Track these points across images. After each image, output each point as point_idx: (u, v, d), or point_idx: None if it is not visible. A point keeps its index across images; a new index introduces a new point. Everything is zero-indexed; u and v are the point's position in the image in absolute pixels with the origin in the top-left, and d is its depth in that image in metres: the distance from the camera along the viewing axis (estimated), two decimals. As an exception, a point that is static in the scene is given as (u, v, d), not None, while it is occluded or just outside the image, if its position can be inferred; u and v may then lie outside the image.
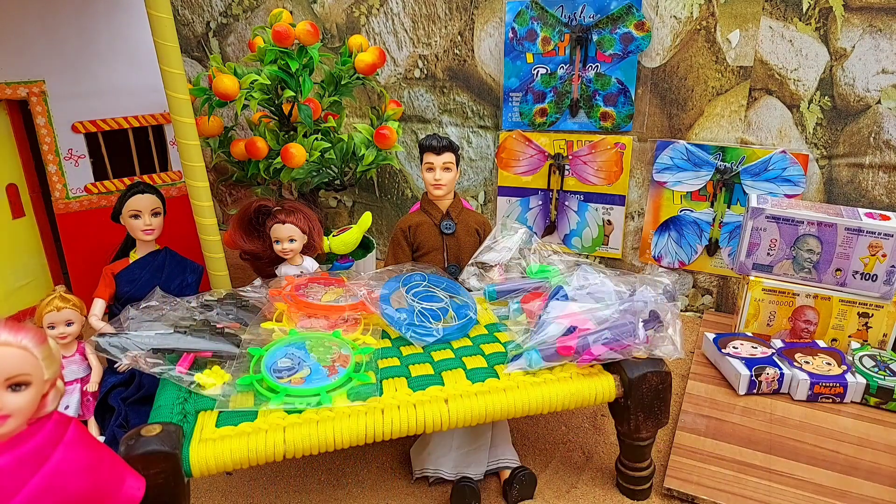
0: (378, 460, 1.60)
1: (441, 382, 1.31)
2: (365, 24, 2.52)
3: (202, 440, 1.13)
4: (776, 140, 2.07)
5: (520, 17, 2.25)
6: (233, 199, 3.12)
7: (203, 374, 1.29)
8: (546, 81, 2.28)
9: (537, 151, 2.38)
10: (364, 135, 2.20)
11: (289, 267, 1.75)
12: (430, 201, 1.86)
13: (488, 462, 1.49)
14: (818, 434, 1.59)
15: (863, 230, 1.80)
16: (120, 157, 2.21)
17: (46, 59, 2.00)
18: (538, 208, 2.48)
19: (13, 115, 2.05)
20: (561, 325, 1.36)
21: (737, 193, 2.14)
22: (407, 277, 1.63)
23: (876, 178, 1.98)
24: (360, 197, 2.84)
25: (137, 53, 2.11)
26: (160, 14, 1.56)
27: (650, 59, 2.14)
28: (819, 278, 1.89)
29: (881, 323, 1.85)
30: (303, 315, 1.51)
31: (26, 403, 0.88)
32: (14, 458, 0.86)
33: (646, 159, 2.25)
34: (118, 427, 1.51)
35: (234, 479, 1.55)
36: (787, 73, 1.99)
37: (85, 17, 2.04)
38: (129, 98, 2.15)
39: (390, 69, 2.54)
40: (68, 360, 1.56)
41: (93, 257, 2.07)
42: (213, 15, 2.79)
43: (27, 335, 0.88)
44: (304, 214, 1.73)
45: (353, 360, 1.34)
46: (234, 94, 1.93)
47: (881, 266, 1.81)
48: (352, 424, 1.19)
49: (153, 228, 1.76)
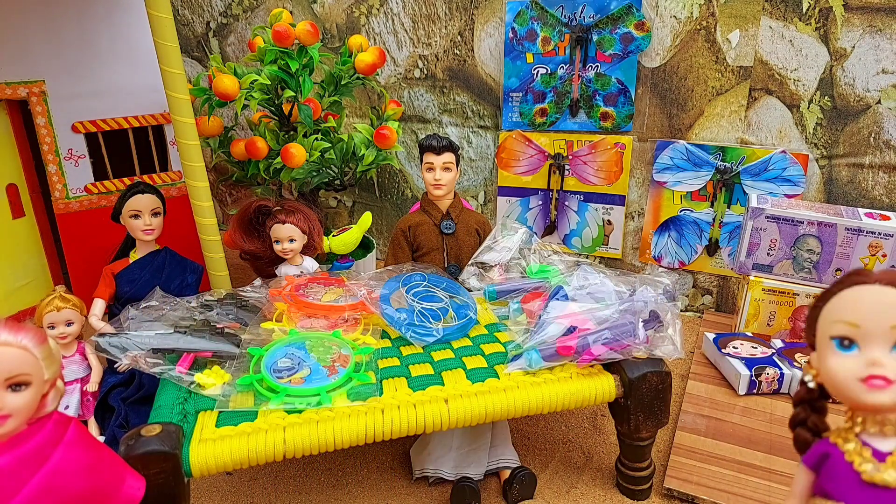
0: (378, 460, 1.60)
1: (441, 382, 1.31)
2: (365, 24, 2.52)
3: (202, 440, 1.13)
4: (776, 140, 2.07)
5: (520, 17, 2.25)
6: (233, 199, 3.12)
7: (203, 374, 1.29)
8: (546, 81, 2.28)
9: (537, 151, 2.38)
10: (364, 135, 2.20)
11: (289, 267, 1.75)
12: (430, 201, 1.86)
13: (488, 462, 1.49)
14: (818, 434, 1.58)
15: (863, 230, 1.80)
16: (120, 158, 2.21)
17: (46, 59, 2.00)
18: (538, 208, 2.48)
19: (13, 115, 2.05)
20: (561, 325, 1.36)
21: (737, 193, 2.14)
22: (407, 277, 1.63)
23: (876, 178, 1.98)
24: (360, 197, 2.84)
25: (137, 53, 2.11)
26: (160, 14, 1.56)
27: (650, 59, 2.14)
28: (819, 278, 1.89)
29: (881, 323, 1.85)
30: (303, 315, 1.51)
31: (26, 403, 0.87)
32: (14, 458, 0.86)
33: (646, 159, 2.25)
34: (118, 427, 1.51)
35: (233, 479, 1.55)
36: (787, 73, 1.99)
37: (85, 18, 2.04)
38: (129, 98, 2.15)
39: (390, 69, 2.54)
40: (68, 360, 1.56)
41: (93, 257, 2.07)
42: (213, 15, 2.79)
43: (27, 335, 0.88)
44: (304, 214, 1.73)
45: (353, 360, 1.34)
46: (234, 94, 1.93)
47: (881, 266, 1.81)
48: (352, 424, 1.19)
49: (153, 228, 1.76)
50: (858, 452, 0.78)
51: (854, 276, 0.78)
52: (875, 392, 0.74)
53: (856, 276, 0.78)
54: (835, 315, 0.78)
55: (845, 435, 0.81)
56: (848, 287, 0.78)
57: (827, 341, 0.79)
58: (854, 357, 0.76)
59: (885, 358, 0.74)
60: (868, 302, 0.75)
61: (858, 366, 0.75)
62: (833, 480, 0.80)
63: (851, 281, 0.78)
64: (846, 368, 0.76)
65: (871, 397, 0.75)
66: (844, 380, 0.76)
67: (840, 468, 0.79)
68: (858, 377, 0.75)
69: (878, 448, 0.78)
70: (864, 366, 0.75)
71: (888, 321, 0.74)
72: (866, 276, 0.77)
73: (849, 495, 0.78)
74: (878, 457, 0.77)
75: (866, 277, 0.77)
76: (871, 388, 0.74)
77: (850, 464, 0.78)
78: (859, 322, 0.76)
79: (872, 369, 0.74)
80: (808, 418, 0.86)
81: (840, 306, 0.78)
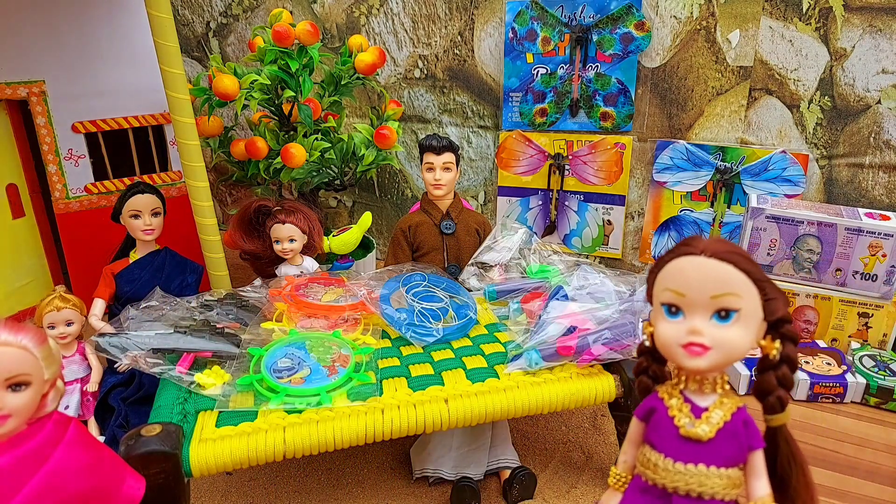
0: (378, 460, 1.60)
1: (441, 382, 1.31)
2: (365, 24, 2.52)
3: (202, 440, 1.13)
4: (776, 140, 2.07)
5: (520, 17, 2.25)
6: (233, 199, 3.11)
7: (203, 374, 1.29)
8: (546, 81, 2.28)
9: (537, 151, 2.38)
10: (364, 135, 2.20)
11: (289, 267, 1.75)
12: (430, 201, 1.86)
13: (488, 462, 1.49)
14: (818, 434, 1.58)
15: (863, 230, 1.80)
16: (120, 157, 2.20)
17: (46, 59, 2.00)
18: (538, 208, 2.48)
19: (13, 115, 2.05)
20: (561, 325, 1.36)
21: (737, 193, 2.14)
22: (407, 277, 1.63)
23: (876, 178, 1.98)
24: (360, 197, 2.84)
25: (137, 53, 2.11)
26: (160, 14, 1.56)
27: (650, 59, 2.14)
28: (819, 278, 1.89)
29: (881, 323, 1.85)
30: (303, 315, 1.51)
31: (26, 403, 0.87)
32: (14, 458, 0.86)
33: (646, 159, 2.25)
34: (118, 427, 1.51)
35: (233, 479, 1.55)
36: (787, 73, 1.99)
37: (85, 18, 2.04)
38: (129, 98, 2.15)
39: (390, 69, 2.54)
40: (68, 360, 1.56)
41: (93, 257, 2.07)
42: (213, 15, 2.79)
43: (27, 335, 0.88)
44: (303, 214, 1.73)
45: (353, 360, 1.34)
46: (234, 94, 1.93)
47: (881, 266, 1.81)
48: (352, 424, 1.19)
49: (153, 228, 1.76)
50: (679, 408, 0.85)
51: (683, 247, 0.82)
52: (694, 358, 0.81)
53: (685, 247, 0.81)
54: (664, 283, 0.83)
55: (671, 391, 0.88)
56: (678, 256, 0.81)
57: (658, 306, 0.84)
58: (678, 324, 0.82)
59: (704, 326, 0.80)
60: (692, 273, 0.80)
61: (681, 332, 0.81)
62: (656, 432, 0.87)
63: (681, 251, 0.81)
64: (671, 333, 0.82)
65: (690, 362, 0.81)
66: (669, 344, 0.83)
67: (663, 422, 0.86)
68: (680, 343, 0.81)
69: (697, 404, 0.85)
70: (685, 333, 0.81)
71: (708, 292, 0.79)
72: (694, 247, 0.80)
73: (668, 446, 0.85)
74: (696, 412, 0.84)
75: (694, 248, 0.80)
76: (691, 355, 0.81)
77: (671, 418, 0.85)
78: (684, 291, 0.81)
79: (692, 337, 0.80)
80: (649, 367, 0.91)
81: (669, 275, 0.82)
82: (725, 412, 0.83)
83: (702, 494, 0.82)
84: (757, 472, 0.85)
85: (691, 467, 0.82)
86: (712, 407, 0.84)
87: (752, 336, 0.80)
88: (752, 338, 0.80)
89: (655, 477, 0.85)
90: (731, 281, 0.78)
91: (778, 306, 0.80)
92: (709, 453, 0.82)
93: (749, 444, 0.84)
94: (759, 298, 0.79)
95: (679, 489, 0.83)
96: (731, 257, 0.78)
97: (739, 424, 0.83)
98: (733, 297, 0.78)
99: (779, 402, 0.82)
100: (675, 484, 0.83)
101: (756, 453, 0.84)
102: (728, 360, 0.81)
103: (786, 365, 0.81)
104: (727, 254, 0.79)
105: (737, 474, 0.84)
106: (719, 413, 0.83)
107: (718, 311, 0.79)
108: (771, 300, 0.80)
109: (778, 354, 0.81)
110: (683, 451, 0.83)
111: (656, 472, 0.85)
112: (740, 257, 0.79)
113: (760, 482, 0.84)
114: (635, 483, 0.91)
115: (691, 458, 0.82)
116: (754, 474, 0.85)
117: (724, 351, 0.80)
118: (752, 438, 0.84)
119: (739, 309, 0.79)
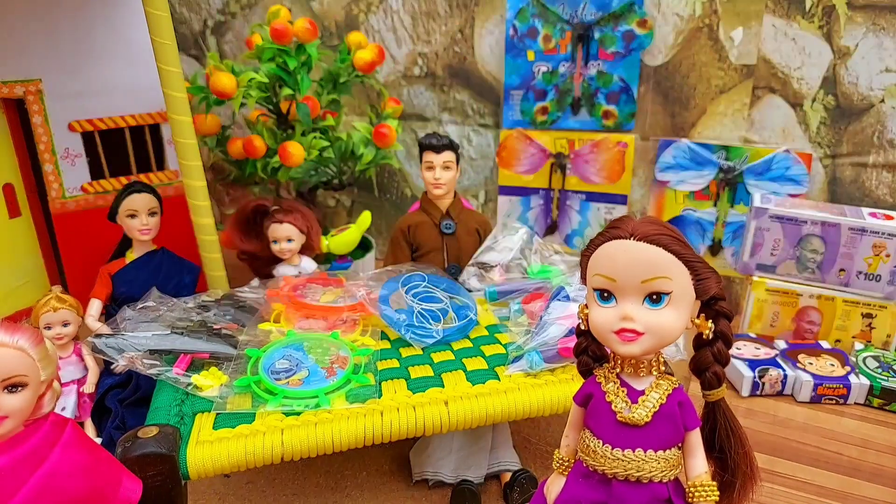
0: (377, 463, 1.59)
1: (441, 384, 1.29)
2: (364, 22, 2.50)
3: (199, 442, 1.12)
4: (779, 139, 2.06)
5: (521, 14, 2.23)
6: (230, 198, 3.10)
7: (200, 376, 1.28)
8: (547, 79, 2.27)
9: (538, 150, 2.37)
10: (363, 133, 2.18)
11: (287, 267, 1.74)
12: (429, 201, 1.85)
13: (489, 465, 1.48)
14: (821, 436, 1.57)
15: (866, 230, 1.79)
16: (116, 157, 2.19)
17: (43, 57, 1.98)
18: (539, 208, 2.47)
19: (9, 114, 2.03)
20: (562, 327, 1.35)
21: (740, 193, 2.13)
22: (406, 278, 1.61)
23: (880, 178, 1.97)
24: (358, 196, 2.83)
25: (134, 51, 2.10)
26: (157, 12, 1.55)
27: (652, 57, 2.13)
28: (823, 278, 1.88)
29: (885, 323, 1.84)
30: (301, 316, 1.50)
31: (23, 404, 0.87)
32: (11, 460, 0.86)
33: (648, 158, 2.24)
34: (115, 429, 1.50)
35: (231, 481, 1.54)
36: (791, 71, 1.98)
37: (82, 15, 2.03)
38: (125, 97, 2.13)
39: (389, 67, 2.53)
40: (65, 361, 1.55)
41: (89, 257, 2.05)
42: (210, 12, 2.78)
43: (23, 336, 0.88)
44: (301, 214, 1.72)
45: (352, 362, 1.33)
46: (231, 93, 1.92)
47: (885, 266, 1.79)
48: (350, 426, 1.17)
49: (150, 228, 1.74)
50: (615, 392, 0.86)
51: (612, 230, 0.80)
52: (626, 344, 0.81)
53: (614, 230, 0.80)
54: (595, 268, 0.82)
55: (607, 374, 0.88)
56: (607, 241, 0.80)
57: (591, 291, 0.84)
58: (611, 309, 0.81)
59: (635, 312, 0.79)
60: (621, 258, 0.79)
61: (613, 318, 0.81)
62: (594, 418, 0.88)
63: (610, 234, 0.80)
64: (603, 319, 0.82)
65: (622, 348, 0.81)
66: (602, 330, 0.83)
67: (601, 406, 0.87)
68: (612, 329, 0.81)
69: (634, 387, 0.86)
70: (617, 319, 0.80)
71: (638, 276, 0.78)
72: (622, 230, 0.79)
73: (606, 433, 0.85)
74: (633, 396, 0.85)
75: (622, 231, 0.79)
76: (623, 341, 0.81)
77: (609, 403, 0.85)
78: (614, 276, 0.80)
79: (624, 323, 0.80)
80: (588, 346, 0.91)
81: (599, 260, 0.81)
82: (661, 394, 0.84)
83: (640, 479, 0.83)
84: (694, 450, 0.86)
85: (629, 453, 0.83)
86: (648, 390, 0.85)
87: (686, 317, 0.81)
88: (686, 319, 0.81)
89: (595, 463, 0.86)
90: (660, 264, 0.77)
91: (710, 286, 0.80)
92: (646, 437, 0.83)
93: (685, 424, 0.85)
94: (691, 279, 0.79)
95: (618, 475, 0.84)
96: (660, 239, 0.77)
97: (675, 406, 0.85)
98: (663, 281, 0.78)
99: (715, 377, 0.85)
100: (614, 470, 0.84)
101: (692, 433, 0.86)
102: (661, 344, 0.81)
103: (721, 341, 0.83)
104: (656, 236, 0.77)
105: (674, 455, 0.85)
106: (655, 396, 0.84)
107: (650, 294, 0.79)
108: (703, 280, 0.80)
109: (710, 333, 0.82)
110: (621, 437, 0.84)
111: (595, 459, 0.86)
112: (670, 238, 0.78)
113: (697, 460, 0.86)
114: (577, 468, 0.92)
115: (629, 444, 0.83)
116: (691, 453, 0.86)
117: (657, 335, 0.80)
118: (688, 419, 0.85)
119: (671, 292, 0.78)
